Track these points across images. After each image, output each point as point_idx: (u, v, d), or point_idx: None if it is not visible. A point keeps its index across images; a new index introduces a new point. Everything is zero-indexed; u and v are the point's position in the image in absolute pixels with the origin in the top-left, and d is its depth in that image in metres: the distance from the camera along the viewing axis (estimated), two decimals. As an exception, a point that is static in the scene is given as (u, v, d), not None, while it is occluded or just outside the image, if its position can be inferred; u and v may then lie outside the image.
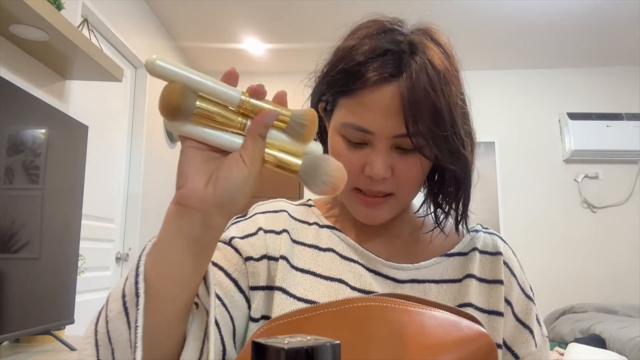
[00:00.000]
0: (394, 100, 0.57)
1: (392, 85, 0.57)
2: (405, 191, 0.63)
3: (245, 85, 0.48)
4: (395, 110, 0.57)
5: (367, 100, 0.58)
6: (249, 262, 0.63)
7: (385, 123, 0.58)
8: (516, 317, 0.65)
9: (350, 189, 0.63)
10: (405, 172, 0.60)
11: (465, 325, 0.51)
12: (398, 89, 0.57)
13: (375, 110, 0.58)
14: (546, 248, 3.85)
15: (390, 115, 0.57)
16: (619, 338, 2.73)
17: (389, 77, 0.57)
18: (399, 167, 0.60)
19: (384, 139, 0.59)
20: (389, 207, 0.63)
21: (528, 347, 0.64)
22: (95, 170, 2.45)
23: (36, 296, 1.40)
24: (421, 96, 0.56)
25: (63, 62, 1.91)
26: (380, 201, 0.62)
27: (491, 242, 0.69)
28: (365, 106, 0.59)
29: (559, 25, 3.36)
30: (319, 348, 0.30)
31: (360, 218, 0.65)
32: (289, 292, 0.61)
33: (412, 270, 0.65)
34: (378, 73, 0.57)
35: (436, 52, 0.59)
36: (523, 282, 0.67)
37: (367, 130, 0.59)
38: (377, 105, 0.58)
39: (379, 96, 0.58)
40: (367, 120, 0.59)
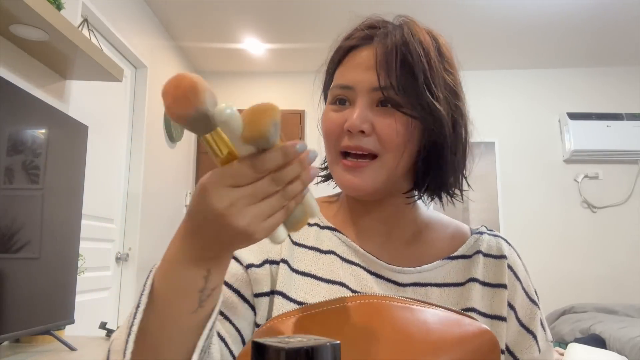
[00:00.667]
0: (372, 56, 0.61)
1: (370, 47, 0.63)
2: (387, 151, 0.60)
3: (245, 85, 0.48)
4: (371, 66, 0.61)
5: (349, 61, 0.64)
6: (250, 269, 0.62)
7: (363, 77, 0.61)
8: (520, 322, 0.64)
9: (335, 154, 0.64)
10: (385, 128, 0.60)
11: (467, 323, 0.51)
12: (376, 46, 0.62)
13: (355, 68, 0.63)
14: (546, 248, 3.85)
15: (367, 70, 0.61)
16: (619, 338, 2.73)
17: (369, 39, 0.63)
18: (378, 122, 0.60)
19: (364, 93, 0.61)
20: (372, 172, 0.61)
21: (531, 352, 0.63)
22: (95, 170, 2.45)
23: (36, 296, 1.40)
24: (391, 51, 0.60)
25: (63, 62, 1.91)
26: (362, 164, 0.61)
27: (496, 245, 0.67)
28: (347, 66, 0.64)
29: (559, 25, 3.35)
30: (319, 348, 0.30)
31: (344, 187, 0.64)
32: (289, 296, 0.61)
33: (414, 273, 0.64)
34: (360, 37, 0.64)
35: (422, 30, 0.63)
36: (528, 286, 0.66)
37: (347, 86, 0.62)
38: (356, 63, 0.63)
39: (357, 55, 0.63)
40: (348, 77, 0.63)
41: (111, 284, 2.78)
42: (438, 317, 0.51)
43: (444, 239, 0.68)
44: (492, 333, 0.50)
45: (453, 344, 0.48)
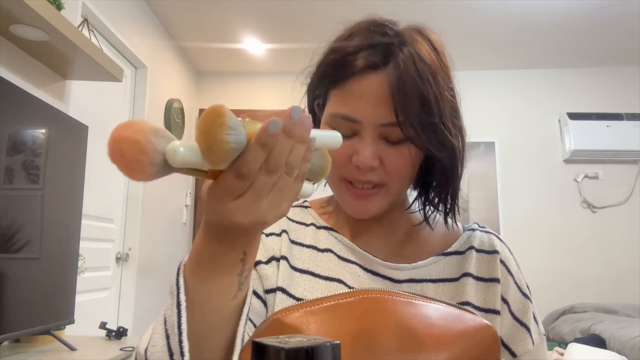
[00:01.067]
0: (381, 89, 0.57)
1: (380, 74, 0.58)
2: (395, 182, 0.62)
3: (245, 85, 0.48)
4: (382, 99, 0.57)
5: (354, 88, 0.59)
6: (259, 266, 0.63)
7: (372, 112, 0.58)
8: (513, 316, 0.65)
9: (339, 179, 0.63)
10: (394, 163, 0.60)
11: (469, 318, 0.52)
12: (386, 77, 0.57)
13: (362, 99, 0.58)
14: (546, 248, 3.85)
15: (377, 103, 0.58)
16: (619, 338, 2.73)
17: (376, 66, 0.58)
18: (387, 157, 0.60)
19: (371, 128, 0.59)
20: (379, 200, 0.62)
21: (525, 345, 0.64)
22: (95, 170, 2.45)
23: (36, 296, 1.40)
24: (409, 85, 0.56)
25: (63, 62, 1.91)
26: (370, 193, 0.62)
27: (488, 240, 0.69)
28: (353, 95, 0.59)
29: (559, 25, 3.36)
30: (319, 348, 0.30)
31: (351, 211, 0.64)
32: (289, 292, 0.62)
33: (409, 269, 0.65)
34: (365, 62, 0.58)
35: (424, 45, 0.60)
36: (520, 280, 0.67)
37: (354, 119, 0.59)
38: (363, 93, 0.58)
39: (365, 84, 0.58)
40: (354, 109, 0.59)
41: (111, 284, 2.78)
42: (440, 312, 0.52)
43: (438, 235, 0.70)
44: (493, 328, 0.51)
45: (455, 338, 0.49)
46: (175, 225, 3.72)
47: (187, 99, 3.95)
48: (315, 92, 0.67)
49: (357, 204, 0.63)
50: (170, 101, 3.50)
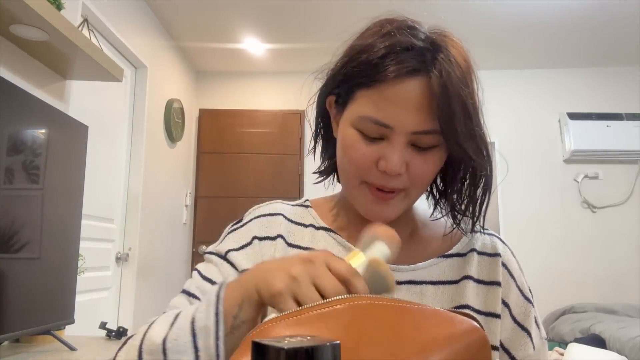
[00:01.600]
0: (418, 95, 0.56)
1: (417, 80, 0.56)
2: (416, 188, 0.62)
3: (245, 85, 0.48)
4: (418, 106, 0.56)
5: (388, 93, 0.57)
6: None
7: (407, 118, 0.57)
8: (514, 319, 0.64)
9: (359, 183, 0.62)
10: (419, 169, 0.59)
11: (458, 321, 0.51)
12: (425, 83, 0.56)
13: (397, 104, 0.57)
14: (546, 248, 3.85)
15: (413, 110, 0.56)
16: (619, 338, 2.73)
17: (413, 72, 0.56)
18: (414, 163, 0.59)
19: (402, 135, 0.57)
20: (398, 204, 0.62)
21: (525, 349, 0.64)
22: (95, 170, 2.45)
23: (36, 296, 1.40)
24: (453, 92, 0.55)
25: (63, 62, 1.91)
26: (391, 196, 0.61)
27: (490, 243, 0.68)
28: (387, 100, 0.57)
29: (559, 25, 3.36)
30: (319, 348, 0.30)
31: (368, 214, 0.63)
32: None
33: (409, 271, 0.64)
34: (402, 66, 0.56)
35: (457, 50, 0.59)
36: (522, 284, 0.67)
37: (386, 125, 0.57)
38: (399, 99, 0.56)
39: (401, 90, 0.56)
40: (387, 114, 0.57)
41: (111, 284, 2.78)
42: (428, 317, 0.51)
43: (439, 237, 0.69)
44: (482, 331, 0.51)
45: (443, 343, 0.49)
46: (175, 225, 3.72)
47: (187, 99, 3.95)
48: (334, 88, 0.64)
49: (377, 208, 0.62)
50: (170, 101, 3.50)
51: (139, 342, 0.51)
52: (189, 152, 4.03)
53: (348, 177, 0.63)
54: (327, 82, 0.66)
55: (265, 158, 4.08)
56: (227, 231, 0.70)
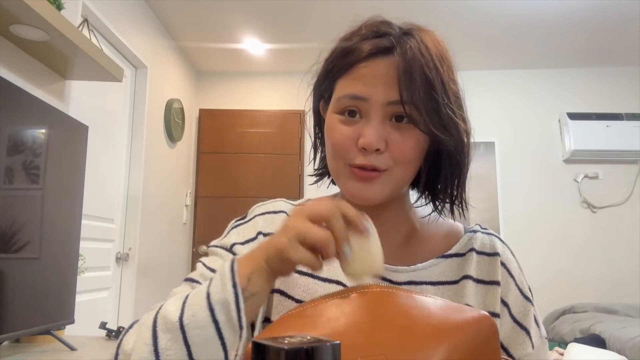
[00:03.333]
0: (388, 71, 0.59)
1: (387, 59, 0.60)
2: (398, 167, 0.61)
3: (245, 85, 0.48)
4: (389, 79, 0.59)
5: (361, 71, 0.61)
6: None
7: (380, 90, 0.59)
8: (513, 318, 0.64)
9: (344, 165, 0.62)
10: (399, 145, 0.60)
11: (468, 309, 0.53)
12: (393, 61, 0.59)
13: (370, 79, 0.60)
14: (546, 248, 3.85)
15: (385, 83, 0.59)
16: (619, 338, 2.73)
17: (383, 51, 0.60)
18: (393, 139, 0.60)
19: (378, 107, 0.60)
20: (381, 184, 0.61)
21: (524, 348, 0.64)
22: (95, 170, 2.45)
23: (36, 296, 1.40)
24: (415, 67, 0.58)
25: (63, 62, 1.91)
26: (372, 175, 0.61)
27: (489, 242, 0.68)
28: (360, 77, 0.61)
29: (559, 25, 3.36)
30: (318, 348, 0.30)
31: (352, 195, 0.63)
32: (287, 293, 0.62)
33: (409, 272, 0.65)
34: (373, 47, 0.60)
35: (430, 37, 0.62)
36: (521, 282, 0.67)
37: (360, 97, 0.60)
38: (371, 74, 0.60)
39: (372, 67, 0.60)
40: (361, 87, 0.60)
41: (111, 284, 2.78)
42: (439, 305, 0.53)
43: (438, 237, 0.69)
44: (491, 319, 0.52)
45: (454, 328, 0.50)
46: (175, 225, 3.72)
47: (187, 99, 3.95)
48: (321, 88, 0.67)
49: (359, 187, 0.61)
50: (170, 101, 3.50)
51: (151, 322, 0.51)
52: (189, 152, 4.03)
53: (333, 162, 0.64)
54: (315, 84, 0.69)
55: (265, 158, 4.08)
56: (232, 226, 0.70)
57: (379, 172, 0.61)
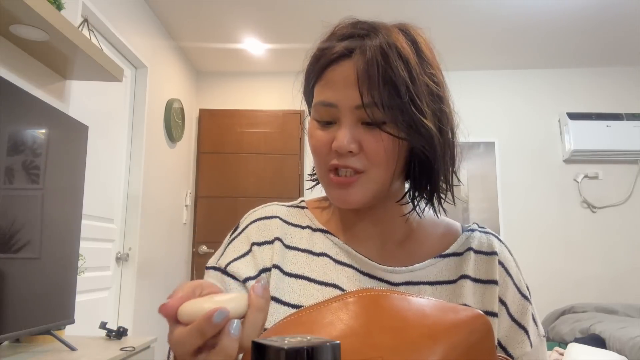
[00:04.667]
0: (351, 73, 0.60)
1: (351, 61, 0.60)
2: (374, 168, 0.61)
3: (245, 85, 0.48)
4: (353, 83, 0.59)
5: (329, 77, 0.62)
6: (248, 282, 0.63)
7: (346, 94, 0.60)
8: (511, 317, 0.64)
9: (326, 170, 0.63)
10: (372, 146, 0.60)
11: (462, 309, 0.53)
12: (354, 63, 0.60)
13: (338, 84, 0.61)
14: (546, 248, 3.85)
15: (349, 86, 0.60)
16: (619, 338, 2.73)
17: (347, 53, 0.61)
18: (366, 140, 0.60)
19: (348, 112, 0.60)
20: (361, 187, 0.62)
21: (523, 347, 0.64)
22: (95, 170, 2.45)
23: (36, 296, 1.40)
24: (373, 68, 0.58)
25: (63, 62, 1.91)
26: (351, 180, 0.62)
27: (487, 241, 0.68)
28: (329, 82, 0.62)
29: (558, 25, 3.36)
30: (318, 348, 0.30)
31: (335, 201, 0.65)
32: (282, 300, 0.61)
33: (406, 272, 0.64)
34: (337, 51, 0.61)
35: (398, 35, 0.61)
36: (519, 281, 0.67)
37: (331, 104, 0.61)
38: (339, 79, 0.61)
39: (339, 71, 0.61)
40: (331, 94, 0.61)
41: (111, 284, 2.78)
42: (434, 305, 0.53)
43: (435, 237, 0.69)
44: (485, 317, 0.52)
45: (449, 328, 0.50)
46: (175, 225, 3.72)
47: (187, 99, 3.95)
48: (306, 97, 0.68)
49: (339, 192, 0.63)
50: (170, 101, 3.50)
51: None
52: (189, 152, 4.03)
53: (317, 168, 0.66)
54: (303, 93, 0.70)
55: (265, 158, 4.08)
56: (227, 242, 0.70)
57: (357, 175, 0.62)
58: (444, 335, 0.49)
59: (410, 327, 0.50)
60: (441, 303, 0.54)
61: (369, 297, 0.53)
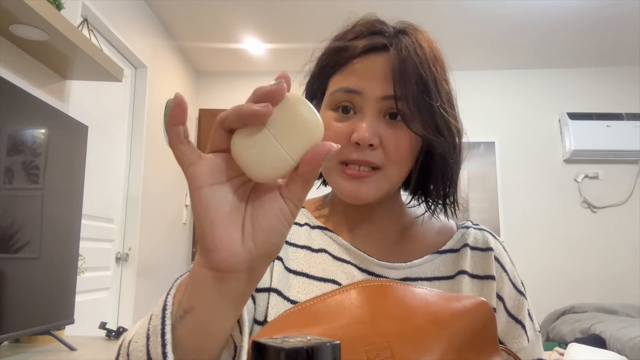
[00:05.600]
0: (383, 67, 0.60)
1: (382, 55, 0.60)
2: (392, 165, 0.61)
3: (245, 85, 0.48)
4: (383, 75, 0.59)
5: (356, 67, 0.61)
6: None
7: (374, 84, 0.60)
8: (508, 313, 0.65)
9: (337, 162, 0.62)
10: (393, 142, 0.60)
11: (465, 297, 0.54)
12: (388, 58, 0.60)
13: (364, 74, 0.60)
14: (546, 248, 3.85)
15: (379, 78, 0.59)
16: (619, 338, 2.73)
17: (378, 48, 0.61)
18: (387, 136, 0.60)
19: (372, 102, 0.60)
20: (375, 183, 0.61)
21: (520, 342, 0.64)
22: (95, 170, 2.45)
23: (36, 296, 1.40)
24: (410, 66, 0.58)
25: (63, 62, 1.91)
26: (365, 174, 0.60)
27: (482, 238, 0.69)
28: (355, 72, 0.61)
29: (559, 25, 3.36)
30: (318, 348, 0.30)
31: (345, 195, 0.62)
32: (284, 294, 0.61)
33: (405, 268, 0.65)
34: (368, 43, 0.61)
35: (423, 36, 0.63)
36: (514, 277, 0.67)
37: (355, 90, 0.60)
38: (366, 69, 0.60)
39: (367, 63, 0.61)
40: (356, 81, 0.60)
41: (111, 284, 2.78)
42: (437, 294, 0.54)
43: (432, 234, 0.70)
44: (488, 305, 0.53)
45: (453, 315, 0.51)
46: (175, 225, 3.72)
47: (187, 99, 3.92)
48: (314, 87, 0.67)
49: (352, 185, 0.61)
50: (169, 101, 3.50)
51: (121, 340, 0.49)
52: (189, 152, 4.03)
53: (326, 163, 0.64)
54: (307, 83, 0.69)
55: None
56: None
57: (373, 170, 0.61)
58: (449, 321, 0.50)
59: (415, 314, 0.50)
60: (443, 292, 0.54)
61: (373, 287, 0.53)
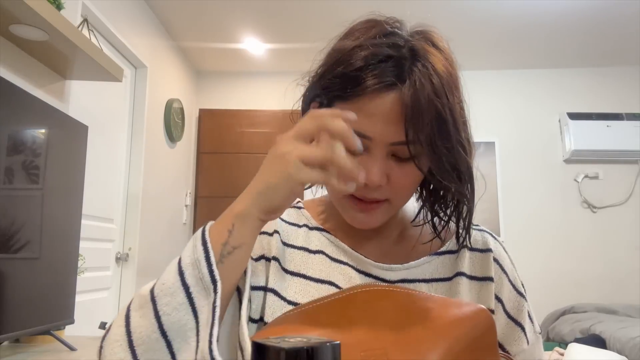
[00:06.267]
0: (395, 108, 0.55)
1: (393, 93, 0.55)
2: (399, 197, 0.62)
3: (245, 85, 0.48)
4: (395, 118, 0.55)
5: (365, 107, 0.56)
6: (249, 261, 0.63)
7: (385, 129, 0.56)
8: (507, 314, 0.64)
9: (343, 195, 0.62)
10: (400, 180, 0.59)
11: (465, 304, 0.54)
12: (399, 96, 0.55)
13: (375, 117, 0.56)
14: (546, 248, 3.85)
15: (390, 122, 0.56)
16: (619, 338, 2.73)
17: (389, 85, 0.55)
18: (394, 174, 0.59)
19: (381, 146, 0.57)
20: (382, 213, 0.62)
21: (520, 344, 0.64)
22: (95, 170, 2.45)
23: (36, 296, 1.40)
24: (425, 104, 0.54)
25: (63, 62, 1.91)
26: (374, 207, 0.61)
27: (481, 239, 0.68)
28: (365, 113, 0.56)
29: (559, 25, 3.36)
30: (319, 348, 0.30)
31: (354, 224, 0.64)
32: (281, 295, 0.61)
33: (402, 270, 0.64)
34: (378, 80, 0.55)
35: (439, 58, 0.57)
36: (514, 278, 0.67)
37: (364, 136, 0.56)
38: (376, 112, 0.56)
39: (379, 103, 0.56)
40: (366, 125, 0.56)
41: (111, 284, 2.78)
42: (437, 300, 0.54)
43: (430, 235, 0.69)
44: (488, 312, 0.53)
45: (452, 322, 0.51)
46: (175, 225, 3.72)
47: (187, 99, 3.95)
48: (316, 97, 0.65)
49: (361, 216, 0.62)
50: (170, 101, 3.50)
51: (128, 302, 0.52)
52: (189, 152, 4.03)
53: (331, 190, 0.64)
54: (308, 90, 0.67)
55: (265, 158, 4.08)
56: None
57: (380, 202, 0.61)
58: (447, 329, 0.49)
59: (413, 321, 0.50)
60: (444, 298, 0.54)
61: (373, 292, 0.53)
